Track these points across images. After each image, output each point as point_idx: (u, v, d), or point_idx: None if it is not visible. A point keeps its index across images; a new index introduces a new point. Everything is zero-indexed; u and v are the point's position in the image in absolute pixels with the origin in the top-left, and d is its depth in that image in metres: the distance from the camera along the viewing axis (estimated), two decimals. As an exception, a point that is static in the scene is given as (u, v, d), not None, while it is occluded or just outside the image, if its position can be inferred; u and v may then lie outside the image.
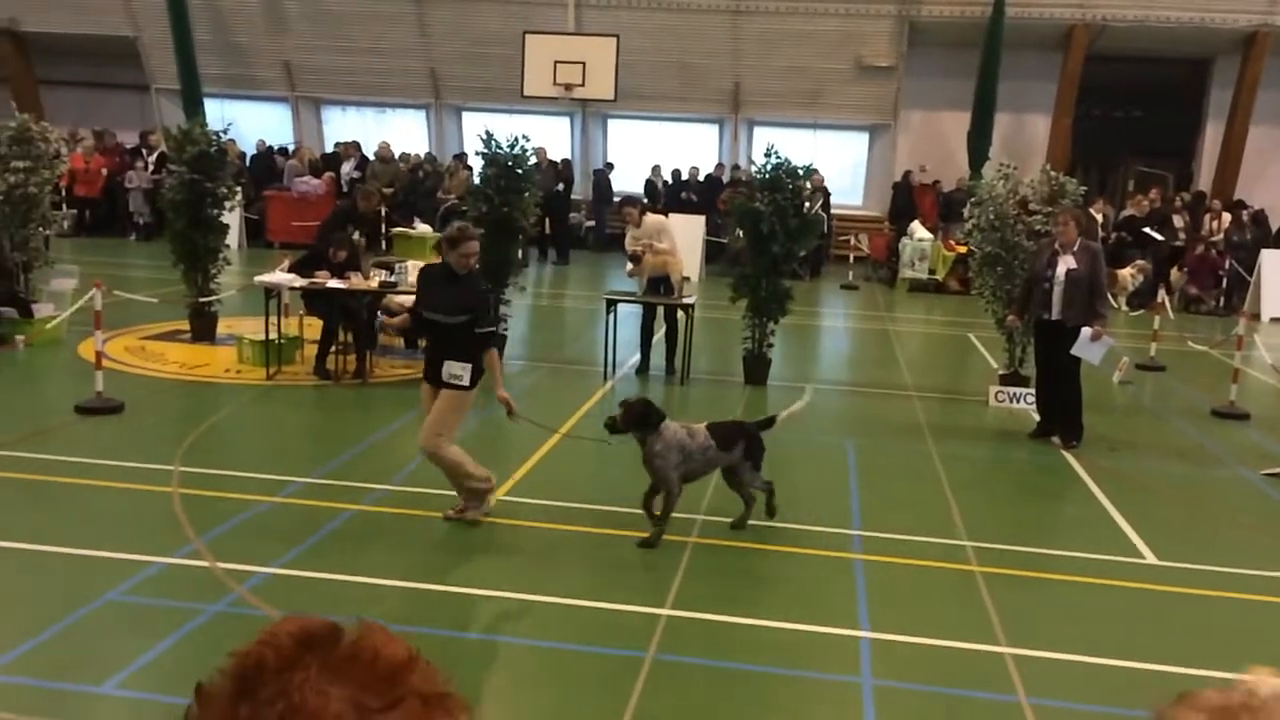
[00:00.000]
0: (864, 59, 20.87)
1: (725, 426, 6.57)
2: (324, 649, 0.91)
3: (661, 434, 6.09)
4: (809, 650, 5.10)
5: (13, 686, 4.35)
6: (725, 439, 6.37)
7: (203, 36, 20.67)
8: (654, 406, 6.21)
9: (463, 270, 6.18)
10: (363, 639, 0.93)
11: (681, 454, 6.13)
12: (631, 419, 6.13)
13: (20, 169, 10.80)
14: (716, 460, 6.37)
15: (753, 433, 6.53)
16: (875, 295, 18.31)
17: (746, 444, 6.43)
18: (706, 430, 6.32)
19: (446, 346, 6.19)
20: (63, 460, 7.11)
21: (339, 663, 0.90)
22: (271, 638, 0.91)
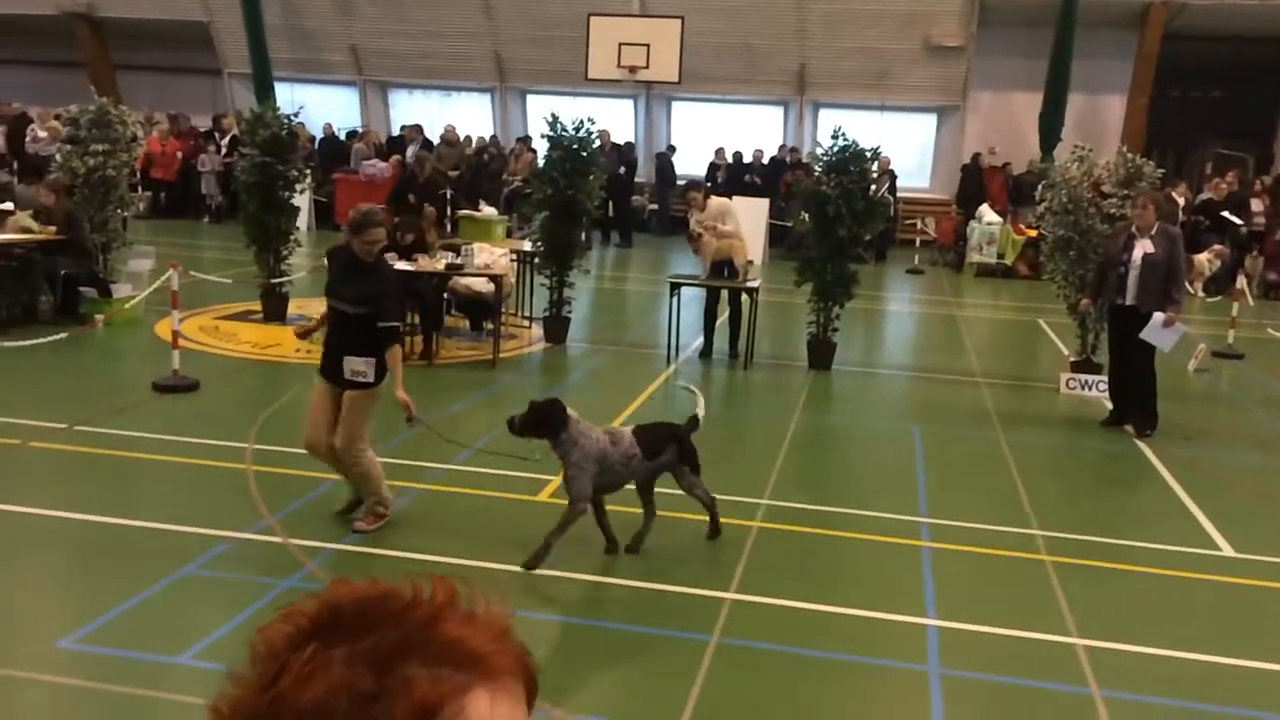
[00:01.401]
0: (933, 39, 20.52)
1: (653, 431, 5.88)
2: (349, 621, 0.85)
3: (578, 442, 5.41)
4: (875, 637, 5.06)
5: (95, 656, 4.48)
6: (652, 445, 5.70)
7: (273, 21, 20.96)
8: (560, 409, 5.46)
9: (369, 258, 5.69)
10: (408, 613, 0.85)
11: (600, 465, 5.48)
12: (529, 422, 5.46)
13: (99, 152, 11.05)
14: (640, 470, 5.69)
15: (683, 436, 5.89)
16: (942, 280, 18.05)
17: (679, 448, 5.80)
18: (632, 436, 5.69)
19: (348, 338, 5.70)
20: (142, 436, 7.29)
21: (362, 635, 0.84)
22: (290, 613, 0.86)
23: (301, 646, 0.83)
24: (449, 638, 0.85)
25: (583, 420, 5.52)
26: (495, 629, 0.88)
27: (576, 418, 5.47)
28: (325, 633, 0.84)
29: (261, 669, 0.84)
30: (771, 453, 7.77)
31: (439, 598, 0.88)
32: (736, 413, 9.51)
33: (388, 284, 5.84)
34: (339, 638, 0.83)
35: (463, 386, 9.37)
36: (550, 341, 11.13)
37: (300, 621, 0.85)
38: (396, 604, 0.86)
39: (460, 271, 10.22)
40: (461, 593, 0.90)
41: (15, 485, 6.34)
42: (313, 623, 0.85)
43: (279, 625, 0.85)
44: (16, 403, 7.90)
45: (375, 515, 5.91)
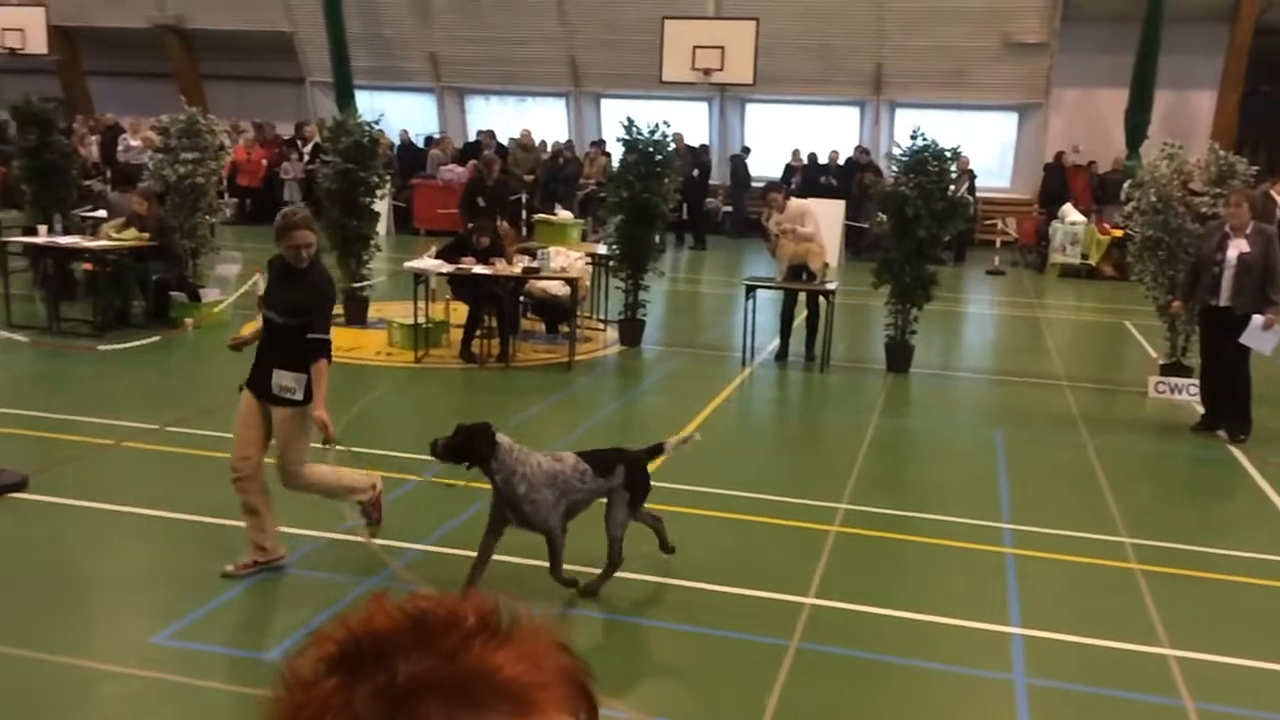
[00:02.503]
0: (1013, 36, 20.14)
1: (598, 453, 5.37)
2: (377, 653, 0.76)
3: (517, 470, 4.93)
4: (958, 645, 4.97)
5: (187, 651, 4.60)
6: (600, 466, 5.23)
7: (354, 30, 21.36)
8: (486, 434, 4.98)
9: (299, 264, 5.25)
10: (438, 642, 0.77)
11: (557, 487, 5.02)
12: (452, 447, 5.02)
13: (189, 160, 11.37)
14: (598, 489, 5.22)
15: (635, 459, 5.37)
16: (1023, 281, 17.70)
17: (628, 470, 5.29)
18: (576, 456, 5.23)
19: (277, 351, 5.29)
20: (229, 437, 7.46)
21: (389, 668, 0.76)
22: (320, 642, 0.79)
23: (325, 679, 0.76)
24: (480, 668, 0.76)
25: (519, 446, 5.05)
26: (537, 654, 0.78)
27: (510, 444, 4.99)
28: (353, 663, 0.76)
29: (287, 703, 0.77)
30: (849, 456, 7.69)
31: (471, 620, 0.78)
32: (813, 415, 9.43)
33: (320, 293, 5.34)
34: (366, 669, 0.76)
35: (539, 389, 9.43)
36: (625, 344, 11.16)
37: (328, 650, 0.78)
38: (428, 629, 0.78)
39: (536, 275, 10.30)
40: (503, 611, 0.80)
41: (110, 484, 6.54)
42: (341, 651, 0.77)
43: (308, 654, 0.79)
44: (111, 404, 8.16)
45: (373, 506, 5.67)
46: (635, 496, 5.32)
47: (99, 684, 4.39)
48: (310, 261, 5.26)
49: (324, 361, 5.25)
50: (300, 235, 5.21)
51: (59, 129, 12.83)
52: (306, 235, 5.22)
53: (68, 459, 6.95)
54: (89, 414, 7.90)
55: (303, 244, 5.21)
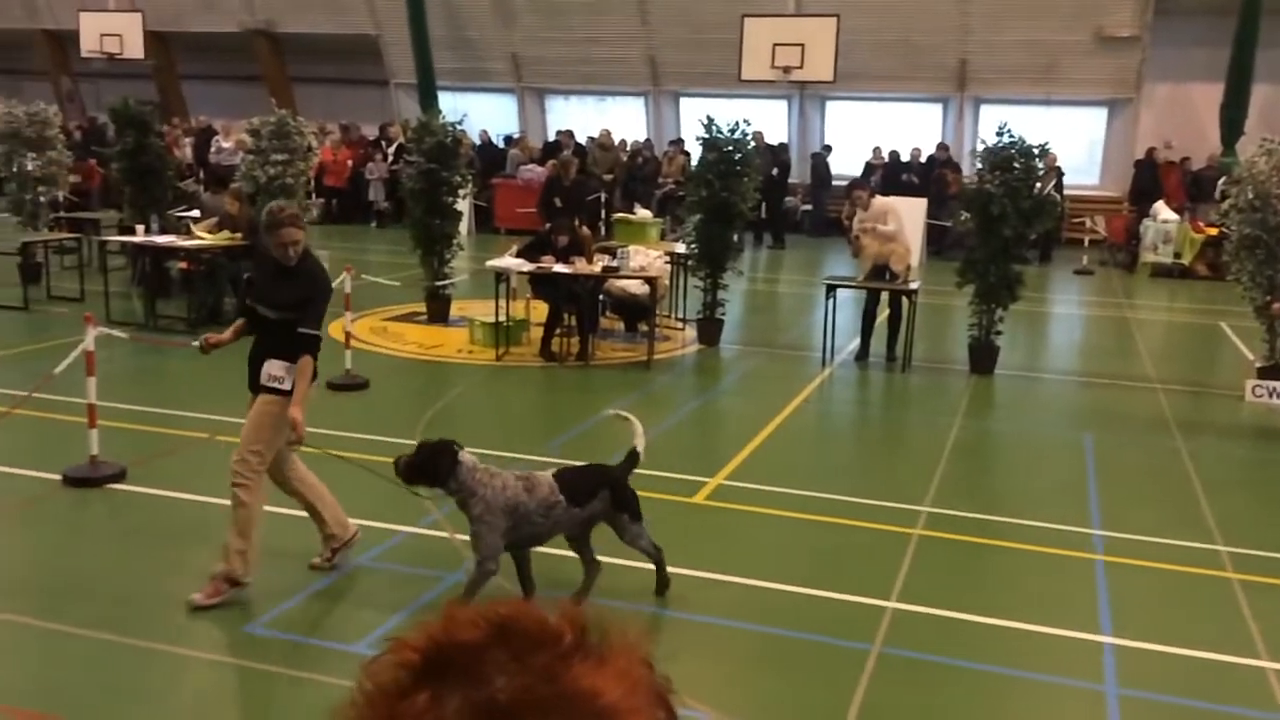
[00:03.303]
0: (1104, 29, 19.63)
1: (579, 475, 5.13)
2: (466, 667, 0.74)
3: (477, 492, 4.72)
4: (1047, 653, 4.87)
5: (275, 641, 4.72)
6: (578, 491, 4.96)
7: (437, 32, 21.66)
8: (448, 453, 4.76)
9: (287, 261, 5.14)
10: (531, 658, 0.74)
11: (512, 518, 4.80)
12: (412, 466, 4.79)
13: (278, 161, 11.66)
14: (565, 520, 4.95)
15: (617, 478, 5.15)
16: (1112, 280, 17.25)
17: (613, 493, 5.07)
18: (552, 481, 4.94)
19: (269, 346, 5.19)
20: (316, 432, 7.56)
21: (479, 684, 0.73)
22: (401, 656, 0.75)
23: (412, 692, 0.73)
24: (579, 690, 0.73)
25: (485, 466, 4.83)
26: (632, 676, 0.76)
27: (474, 463, 4.79)
28: (439, 676, 0.74)
29: (370, 714, 0.74)
30: (932, 459, 7.57)
31: (568, 637, 0.76)
32: (894, 417, 9.31)
33: (314, 287, 5.21)
34: (454, 683, 0.73)
35: (618, 387, 9.47)
36: (704, 343, 11.14)
37: (411, 660, 0.75)
38: (520, 642, 0.75)
39: (615, 274, 10.34)
40: (593, 626, 0.78)
41: (203, 477, 6.73)
42: (425, 662, 0.74)
43: (388, 663, 0.75)
44: (204, 398, 8.40)
45: (224, 579, 4.96)
46: (632, 512, 5.13)
47: (193, 671, 4.53)
48: (301, 257, 5.16)
49: (308, 358, 5.10)
50: (287, 233, 5.10)
51: (155, 131, 13.24)
52: (293, 233, 5.12)
53: (164, 452, 7.17)
54: (183, 408, 8.14)
55: (289, 241, 5.10)
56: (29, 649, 4.66)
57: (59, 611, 4.87)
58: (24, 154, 13.08)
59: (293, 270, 5.15)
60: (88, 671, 4.45)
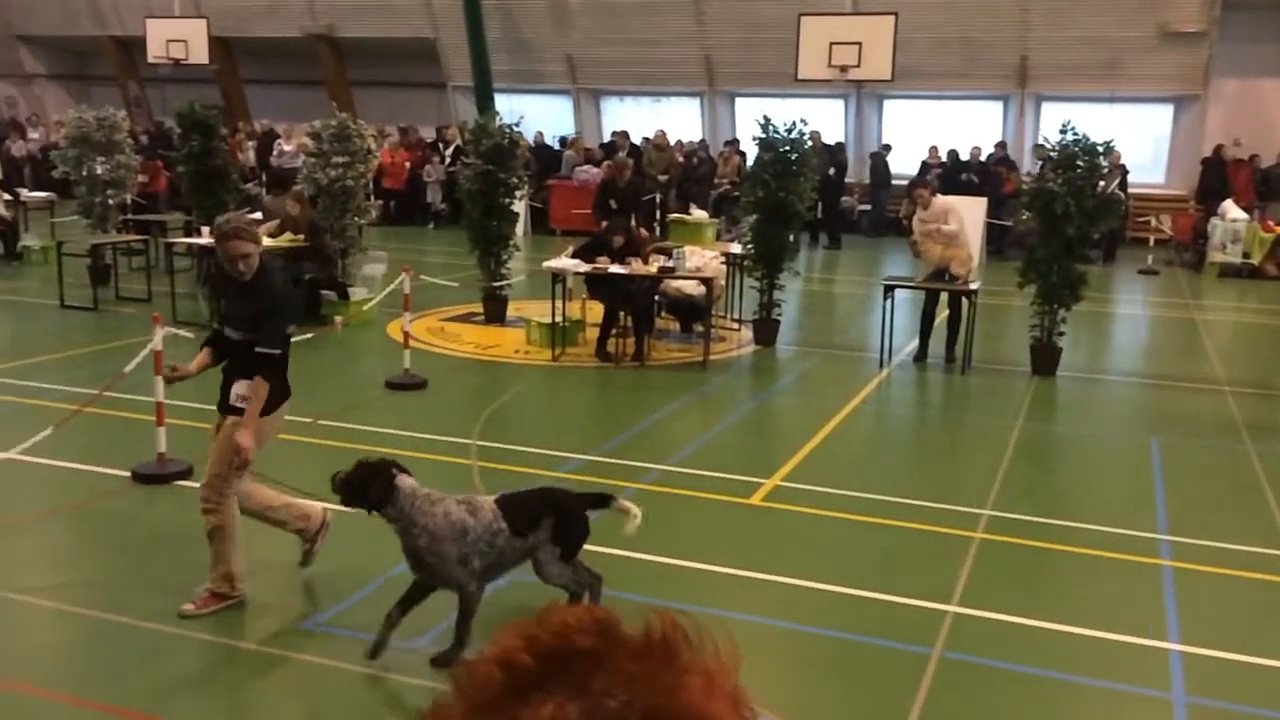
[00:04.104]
0: (1169, 25, 19.21)
1: (524, 499, 4.70)
2: (579, 670, 0.73)
3: (417, 521, 4.40)
4: (1112, 660, 4.77)
5: (338, 637, 4.78)
6: (522, 520, 4.55)
7: (494, 35, 21.83)
8: (385, 475, 4.45)
9: (240, 276, 4.92)
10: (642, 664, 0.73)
11: (460, 546, 4.42)
12: (348, 484, 4.50)
13: (339, 164, 11.81)
14: (509, 552, 4.55)
15: (568, 507, 4.73)
16: (1178, 281, 16.88)
17: (556, 522, 4.63)
18: (495, 506, 4.56)
19: (237, 367, 5.00)
20: (376, 431, 7.74)
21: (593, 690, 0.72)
22: (509, 654, 0.74)
23: (527, 695, 0.72)
24: (693, 710, 0.73)
25: (427, 491, 4.49)
26: (734, 694, 0.76)
27: (413, 487, 4.46)
28: (552, 681, 0.72)
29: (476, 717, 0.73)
30: (993, 461, 7.46)
31: (679, 651, 0.75)
32: (954, 418, 9.19)
33: (270, 303, 4.95)
34: (569, 690, 0.72)
35: (674, 388, 9.46)
36: (760, 344, 11.09)
37: (523, 663, 0.73)
38: (628, 650, 0.74)
39: (671, 274, 10.33)
40: (693, 638, 0.77)
41: (267, 474, 6.83)
42: (539, 665, 0.73)
43: (495, 663, 0.74)
44: (267, 397, 8.53)
45: (213, 595, 4.92)
46: (567, 549, 4.65)
47: (258, 666, 4.60)
48: (258, 271, 4.94)
49: (259, 379, 4.86)
50: (233, 246, 4.85)
51: (220, 135, 13.49)
52: (240, 245, 4.86)
53: (228, 449, 7.30)
54: (247, 407, 8.27)
55: (238, 254, 4.86)
56: (99, 642, 4.76)
57: (126, 605, 4.98)
58: (93, 158, 13.39)
59: (249, 287, 4.94)
60: (153, 664, 4.55)
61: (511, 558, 4.58)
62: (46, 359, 9.72)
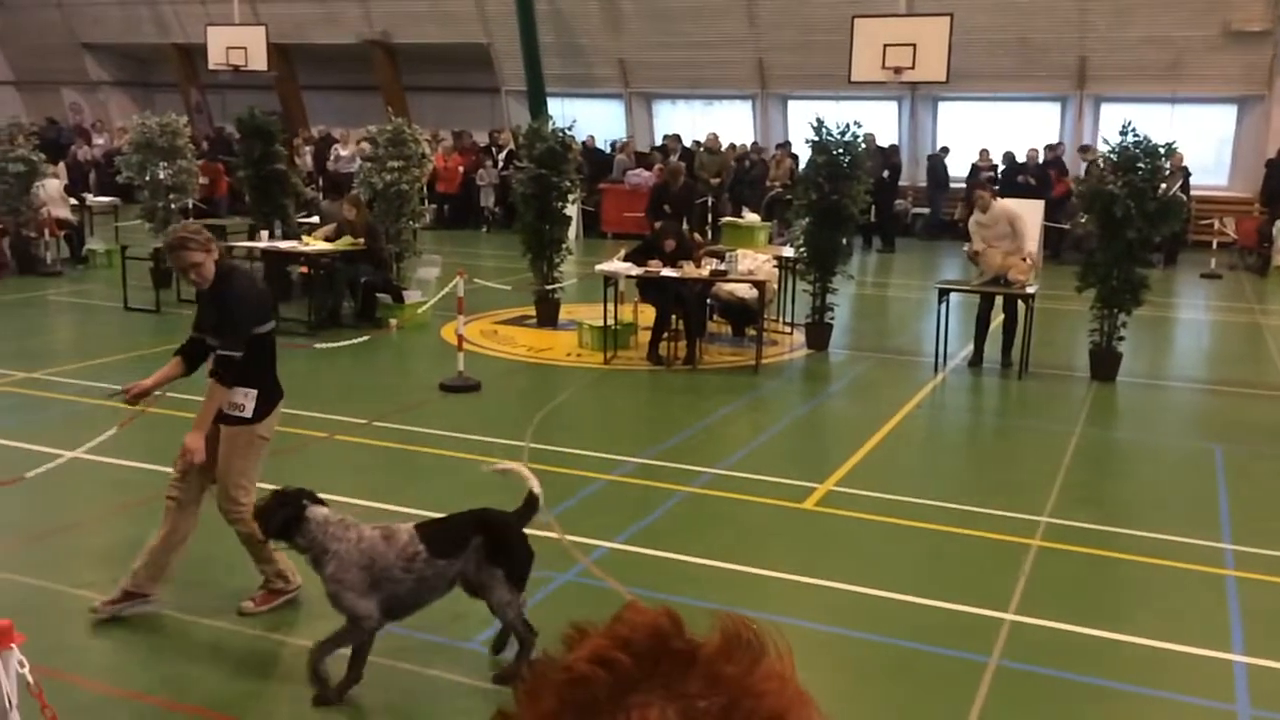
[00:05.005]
0: (1233, 24, 18.82)
1: (446, 522, 4.50)
2: (671, 671, 0.73)
3: (329, 548, 4.22)
4: (1172, 670, 4.68)
5: (395, 636, 4.82)
6: (443, 540, 4.33)
7: (546, 40, 21.96)
8: (293, 504, 4.32)
9: (197, 284, 4.94)
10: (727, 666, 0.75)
11: (370, 574, 4.23)
12: (262, 515, 4.40)
13: (394, 168, 11.96)
14: (431, 577, 4.31)
15: (497, 524, 4.43)
16: (1243, 285, 16.51)
17: (487, 541, 4.35)
18: (413, 529, 4.34)
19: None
20: (430, 433, 7.81)
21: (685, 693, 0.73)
22: (607, 652, 0.74)
23: (625, 695, 0.72)
24: (779, 712, 0.74)
25: (341, 518, 4.35)
26: (800, 691, 0.77)
27: (326, 517, 4.31)
28: (647, 682, 0.73)
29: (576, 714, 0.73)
30: (1051, 468, 7.35)
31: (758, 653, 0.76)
32: (1011, 424, 9.07)
33: (227, 307, 4.91)
34: (663, 691, 0.73)
35: (726, 391, 9.44)
36: (812, 348, 11.03)
37: (624, 663, 0.73)
38: (712, 653, 0.75)
39: (723, 277, 10.31)
40: (761, 637, 0.78)
41: (322, 474, 6.92)
42: (636, 665, 0.73)
43: (595, 663, 0.74)
44: (324, 399, 8.66)
45: (270, 592, 5.03)
46: (512, 571, 4.36)
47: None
48: (220, 277, 4.92)
49: (214, 382, 4.85)
50: (181, 256, 4.84)
51: (279, 140, 13.71)
52: (188, 255, 4.82)
53: (287, 450, 7.41)
54: (305, 408, 8.37)
55: (188, 264, 4.84)
56: (158, 637, 4.86)
57: (186, 601, 5.08)
58: (156, 163, 13.67)
59: (211, 293, 4.95)
60: (212, 660, 4.63)
61: (435, 583, 4.34)
62: (111, 360, 9.94)
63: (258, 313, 4.96)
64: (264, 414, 4.98)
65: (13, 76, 28.80)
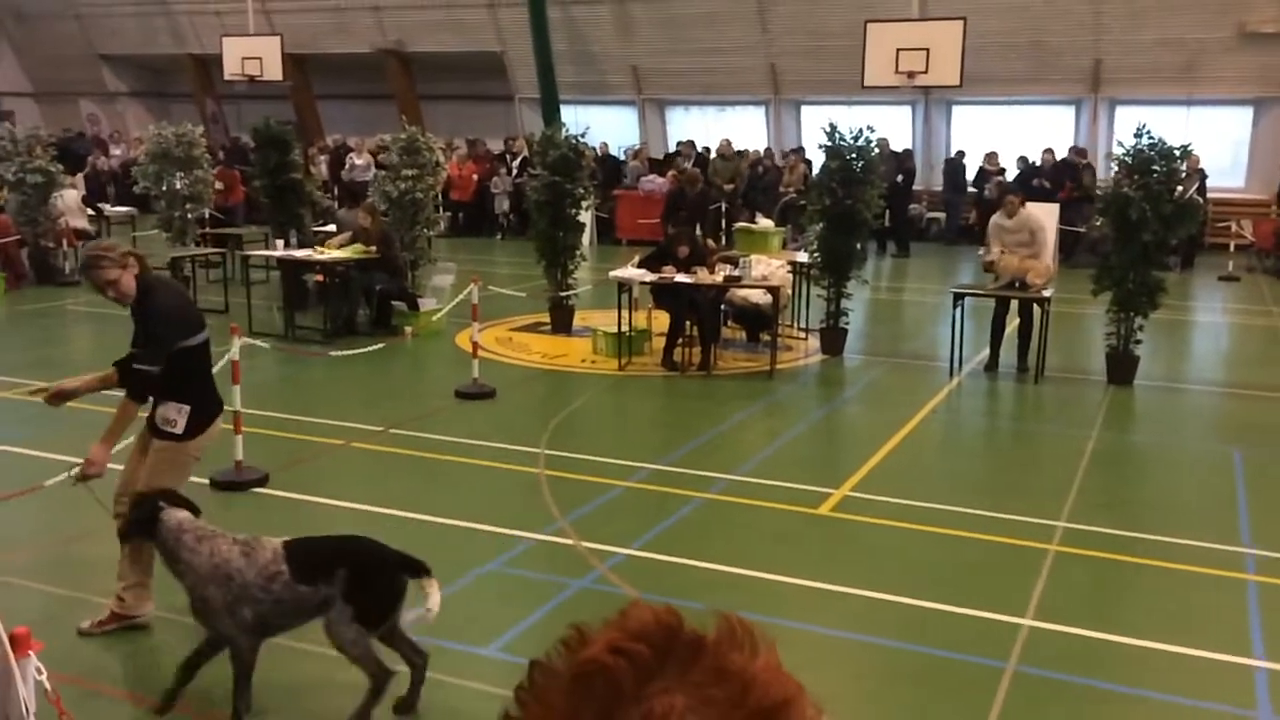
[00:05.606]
0: (1248, 25, 18.71)
1: (319, 544, 4.23)
2: (682, 662, 0.76)
3: (182, 557, 4.05)
4: (1193, 676, 4.65)
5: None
6: (310, 567, 4.05)
7: (559, 47, 22.01)
8: (148, 508, 4.20)
9: (118, 301, 4.86)
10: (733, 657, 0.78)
11: (226, 590, 4.00)
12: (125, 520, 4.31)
13: (409, 176, 12.00)
14: (291, 601, 4.06)
15: (372, 560, 4.11)
16: (1261, 287, 16.40)
17: (352, 575, 4.03)
18: (280, 547, 4.09)
19: (158, 389, 4.89)
20: (446, 440, 7.83)
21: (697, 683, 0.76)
22: (623, 644, 0.76)
23: (645, 685, 0.75)
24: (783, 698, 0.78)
25: (201, 526, 4.15)
26: (797, 684, 0.80)
27: (180, 522, 4.12)
28: (663, 670, 0.76)
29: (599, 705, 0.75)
30: (1068, 472, 7.32)
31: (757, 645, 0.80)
32: (1027, 429, 9.03)
33: (147, 324, 4.85)
34: (676, 680, 0.75)
35: (740, 397, 9.43)
36: (827, 353, 11.01)
37: (643, 653, 0.76)
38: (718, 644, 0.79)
39: (737, 283, 10.31)
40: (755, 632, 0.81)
41: (339, 481, 6.97)
42: (654, 655, 0.76)
43: (615, 653, 0.76)
44: (340, 407, 8.69)
45: (111, 616, 4.89)
46: (365, 612, 4.01)
47: (330, 671, 4.66)
48: (141, 291, 4.82)
49: (126, 398, 4.77)
50: (95, 275, 4.79)
51: (294, 150, 13.78)
52: (100, 273, 4.76)
53: (304, 458, 7.45)
54: (321, 415, 8.43)
55: (102, 282, 4.78)
56: (178, 643, 4.87)
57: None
58: (173, 173, 13.77)
59: (135, 308, 4.88)
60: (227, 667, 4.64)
61: (295, 609, 4.08)
62: (129, 369, 9.99)
63: (181, 327, 4.86)
64: (196, 431, 4.86)
65: (31, 88, 29.04)
